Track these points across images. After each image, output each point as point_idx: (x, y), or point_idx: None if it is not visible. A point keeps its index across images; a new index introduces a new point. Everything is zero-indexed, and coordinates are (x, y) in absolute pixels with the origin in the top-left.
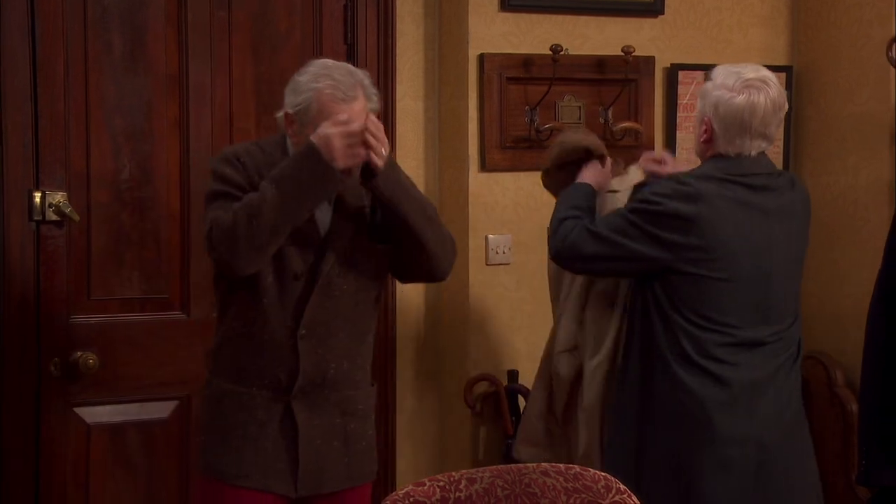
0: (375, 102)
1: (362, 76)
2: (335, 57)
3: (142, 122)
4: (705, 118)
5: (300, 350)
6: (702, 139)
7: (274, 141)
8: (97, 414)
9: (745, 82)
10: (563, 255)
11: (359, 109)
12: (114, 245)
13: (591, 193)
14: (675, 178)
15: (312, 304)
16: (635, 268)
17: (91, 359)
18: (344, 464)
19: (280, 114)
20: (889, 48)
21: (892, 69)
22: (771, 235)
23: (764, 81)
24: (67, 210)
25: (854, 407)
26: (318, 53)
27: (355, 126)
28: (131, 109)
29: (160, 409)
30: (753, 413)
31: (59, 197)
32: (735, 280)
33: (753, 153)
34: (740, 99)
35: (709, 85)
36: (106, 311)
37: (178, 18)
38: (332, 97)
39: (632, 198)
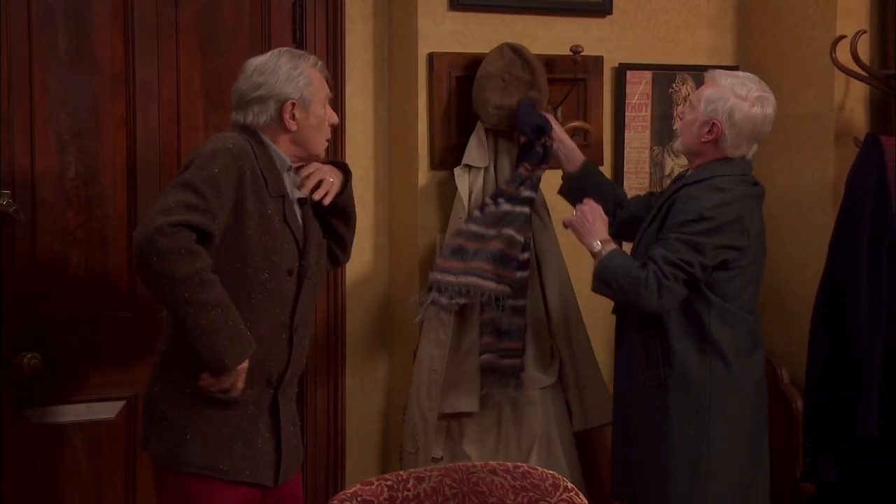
0: (726, 88)
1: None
2: None
3: (87, 120)
4: (716, 121)
5: (294, 344)
6: (704, 139)
7: (249, 137)
8: (43, 415)
9: (757, 95)
10: (665, 308)
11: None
12: (59, 244)
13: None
14: (710, 186)
15: (302, 298)
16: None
17: (36, 359)
18: (298, 446)
19: (248, 117)
20: (832, 49)
21: (836, 70)
22: (763, 227)
23: (768, 93)
24: (12, 209)
25: (799, 404)
26: (267, 51)
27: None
28: (77, 107)
29: (107, 410)
30: None
31: (3, 196)
32: (762, 269)
33: (750, 156)
34: (756, 110)
35: (717, 91)
36: (51, 311)
37: (123, 16)
38: (317, 68)
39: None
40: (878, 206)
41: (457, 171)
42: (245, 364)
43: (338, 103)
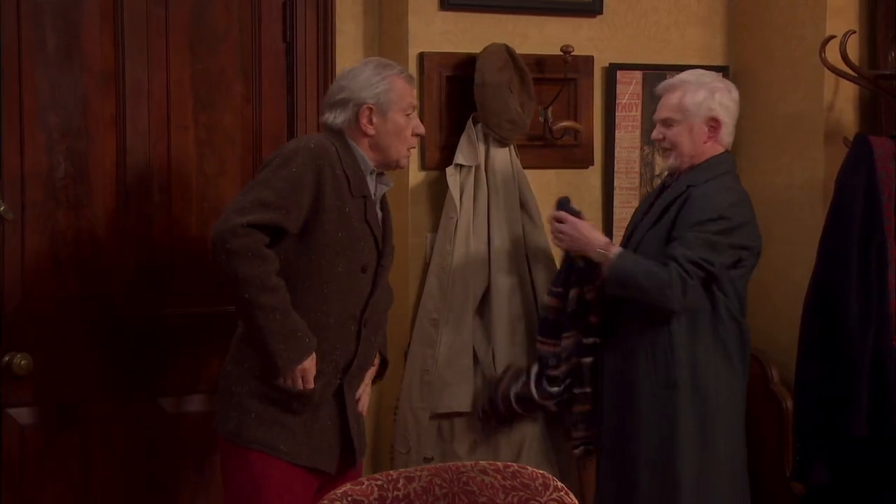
0: (707, 84)
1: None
2: (274, 55)
3: (77, 120)
4: (714, 116)
5: (362, 337)
6: (706, 139)
7: (337, 140)
8: (31, 415)
9: (724, 83)
10: (691, 306)
11: (415, 96)
12: (49, 244)
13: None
14: (722, 186)
15: (375, 294)
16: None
17: (25, 360)
18: (362, 439)
19: (330, 117)
20: (822, 49)
21: (825, 70)
22: None
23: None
24: (1, 209)
25: (789, 404)
26: (257, 52)
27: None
28: (66, 107)
29: (97, 410)
30: None
31: None
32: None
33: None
34: (735, 94)
35: (697, 91)
36: (40, 311)
37: (113, 15)
38: (405, 80)
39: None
40: (867, 206)
41: (448, 170)
42: (307, 364)
43: None
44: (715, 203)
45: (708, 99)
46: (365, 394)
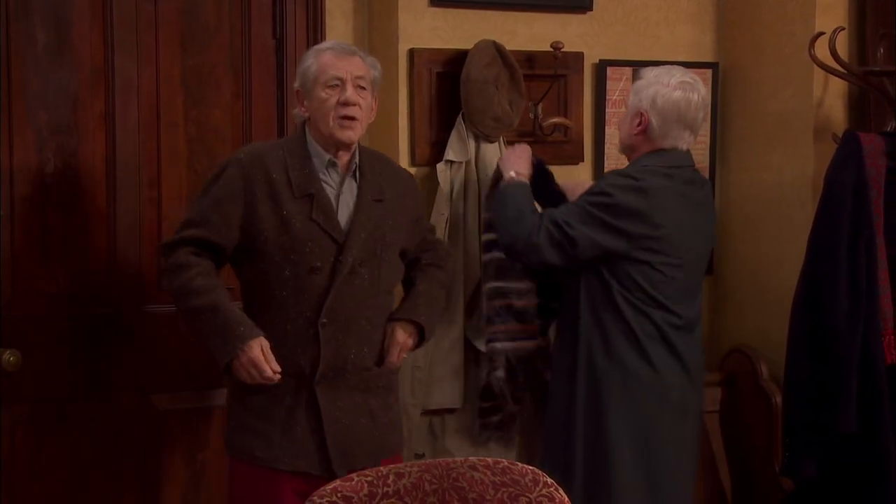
0: (378, 71)
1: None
2: (264, 51)
3: (67, 116)
4: (641, 111)
5: (321, 339)
6: (635, 132)
7: (296, 138)
8: (21, 412)
9: (680, 80)
10: (519, 250)
11: (356, 65)
12: (39, 241)
13: (529, 188)
14: (623, 172)
15: (334, 294)
16: (591, 255)
17: (14, 356)
18: (374, 437)
19: (295, 110)
20: (811, 46)
21: (815, 66)
22: (698, 224)
23: (694, 80)
24: None
25: (779, 399)
26: (247, 48)
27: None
28: (56, 103)
29: (87, 408)
30: (700, 387)
31: None
32: (678, 266)
33: (684, 147)
34: (678, 94)
35: (642, 82)
36: (30, 307)
37: (103, 11)
38: (332, 53)
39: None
40: (856, 203)
41: (439, 166)
42: (251, 354)
43: None
44: (604, 181)
45: (643, 91)
46: (393, 355)
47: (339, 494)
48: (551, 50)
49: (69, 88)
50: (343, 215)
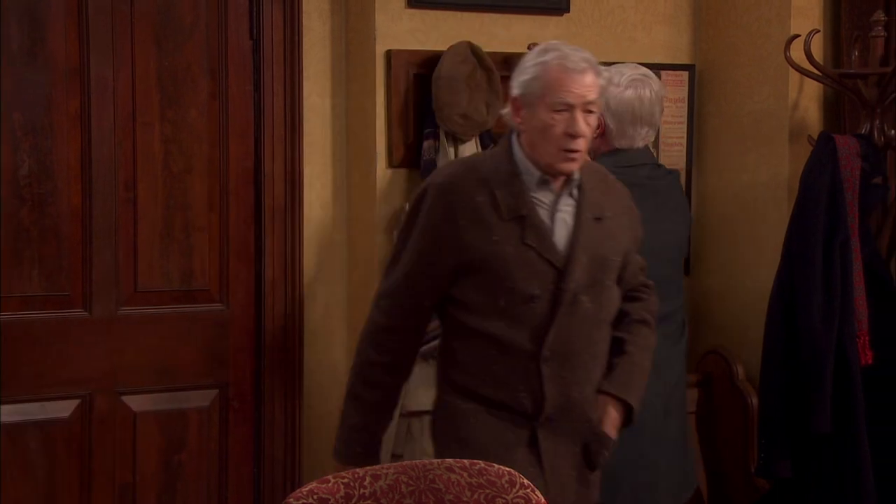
0: (605, 78)
1: (589, 55)
2: (241, 52)
3: (41, 117)
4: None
5: (544, 375)
6: (594, 136)
7: (501, 151)
8: None
9: (630, 78)
10: None
11: (588, 83)
12: (13, 242)
13: None
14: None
15: (556, 325)
16: None
17: None
18: (582, 495)
19: (505, 110)
20: (786, 47)
21: (791, 68)
22: (658, 218)
23: (645, 75)
24: None
25: (754, 400)
26: (224, 48)
27: None
28: (30, 103)
29: (61, 409)
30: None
31: None
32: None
33: (640, 144)
34: (629, 93)
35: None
36: (5, 309)
37: (78, 11)
38: (562, 67)
39: None
40: (831, 204)
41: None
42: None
43: (295, 101)
44: None
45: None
46: (611, 432)
47: (315, 496)
48: (528, 51)
49: (44, 88)
50: (560, 237)
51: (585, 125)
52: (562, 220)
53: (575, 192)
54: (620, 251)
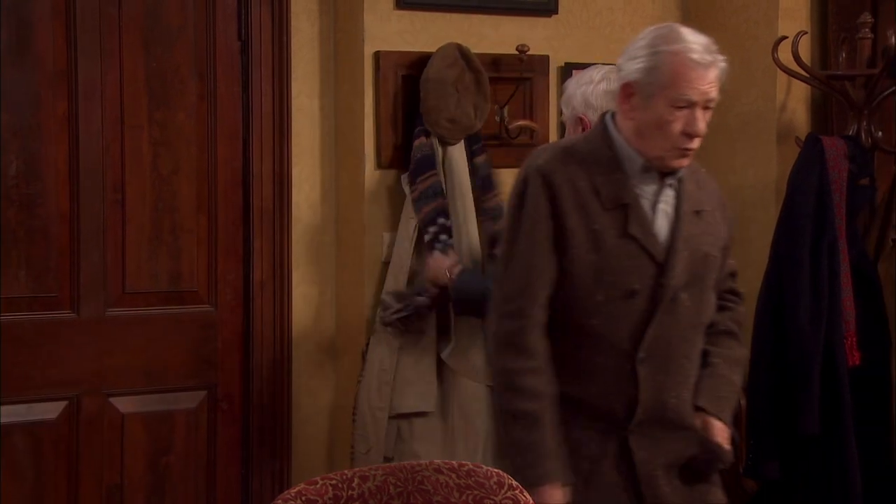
0: (723, 71)
1: (709, 41)
2: (229, 54)
3: (29, 118)
4: (578, 116)
5: (640, 376)
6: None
7: (597, 135)
8: None
9: (602, 75)
10: None
11: (712, 79)
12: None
13: None
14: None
15: (655, 323)
16: None
17: None
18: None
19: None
20: (774, 49)
21: (778, 70)
22: None
23: (611, 71)
24: None
25: (742, 402)
26: (212, 49)
27: None
28: (18, 105)
29: (48, 410)
30: None
31: None
32: None
33: None
34: (603, 85)
35: (568, 91)
36: None
37: (65, 13)
38: (687, 61)
39: None
40: (819, 206)
41: (403, 178)
42: (548, 499)
43: (283, 102)
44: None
45: (573, 99)
46: (719, 437)
47: (303, 498)
48: (517, 53)
49: (31, 90)
50: (661, 229)
51: (704, 122)
52: (662, 212)
53: (676, 182)
54: (719, 247)
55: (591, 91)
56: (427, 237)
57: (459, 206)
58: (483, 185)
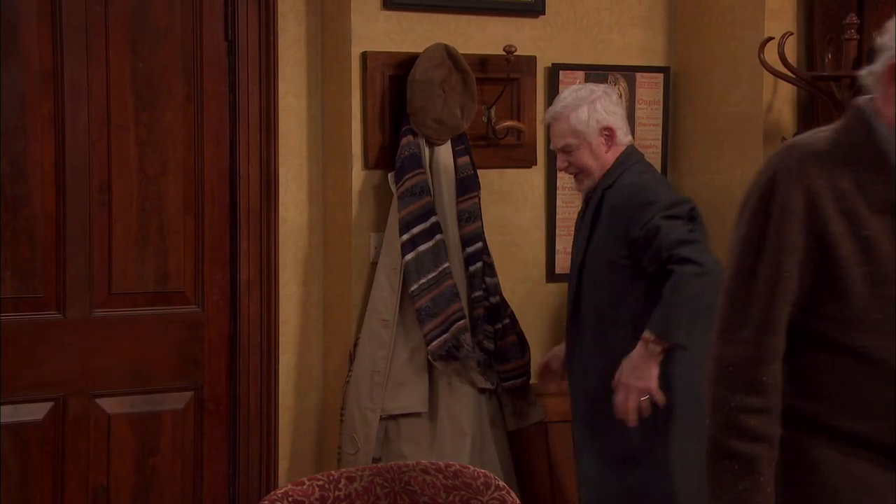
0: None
1: None
2: (216, 54)
3: (15, 119)
4: (605, 126)
5: None
6: (606, 149)
7: (854, 127)
8: None
9: (604, 89)
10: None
11: None
12: None
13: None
14: (637, 171)
15: None
16: None
17: None
18: None
19: (865, 70)
20: (760, 50)
21: (765, 70)
22: None
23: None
24: None
25: None
26: (199, 50)
27: None
28: (4, 106)
29: (34, 411)
30: None
31: None
32: None
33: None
34: (614, 97)
35: (579, 111)
36: None
37: (51, 13)
38: None
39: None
40: None
41: (390, 176)
42: None
43: (271, 102)
44: (669, 196)
45: (591, 115)
46: None
47: (290, 499)
48: (504, 53)
49: (17, 91)
50: None
51: None
52: None
53: None
54: None
55: (604, 102)
56: (405, 237)
57: (445, 207)
58: (460, 187)
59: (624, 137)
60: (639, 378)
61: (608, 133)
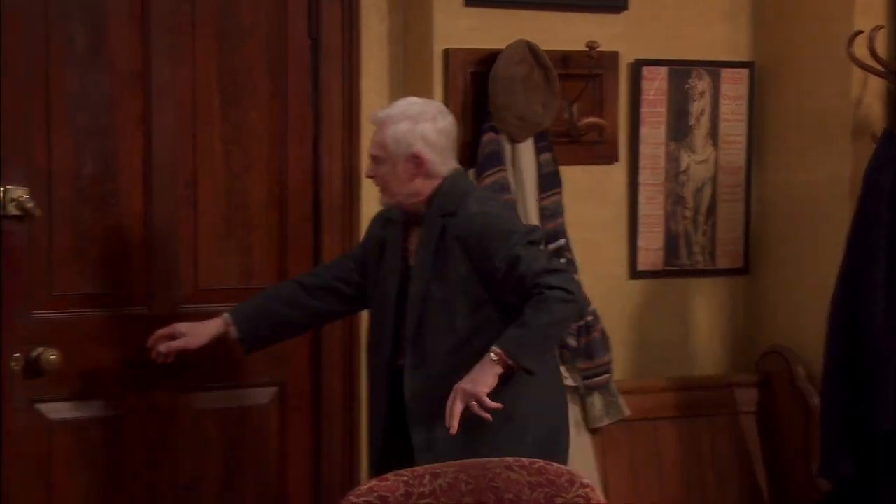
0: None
1: None
2: (300, 51)
3: (104, 118)
4: (415, 151)
5: None
6: (417, 174)
7: None
8: (59, 410)
9: (436, 109)
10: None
11: None
12: (75, 241)
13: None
14: (488, 207)
15: None
16: None
17: (53, 354)
18: None
19: None
20: (849, 44)
21: (853, 65)
22: None
23: (437, 105)
24: (29, 205)
25: (816, 401)
26: (283, 48)
27: None
28: (93, 105)
29: (122, 406)
30: None
31: (20, 192)
32: None
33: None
34: (443, 122)
35: (397, 127)
36: (68, 307)
37: (140, 13)
38: None
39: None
40: (895, 202)
41: (470, 173)
42: None
43: (353, 100)
44: (516, 222)
45: (409, 134)
46: None
47: (375, 494)
48: (586, 49)
49: (106, 91)
50: None
51: None
52: None
53: None
54: None
55: (432, 128)
56: None
57: (528, 203)
58: (543, 184)
59: (440, 167)
60: (472, 383)
61: (416, 161)
